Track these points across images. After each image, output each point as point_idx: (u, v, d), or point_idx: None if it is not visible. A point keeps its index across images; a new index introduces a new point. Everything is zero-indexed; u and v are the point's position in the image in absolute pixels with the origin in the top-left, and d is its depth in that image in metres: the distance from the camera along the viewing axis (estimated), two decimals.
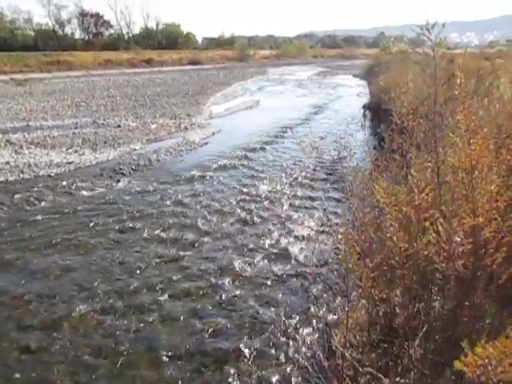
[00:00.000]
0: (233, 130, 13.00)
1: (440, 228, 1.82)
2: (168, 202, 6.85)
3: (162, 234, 5.68)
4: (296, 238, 5.52)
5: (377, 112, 10.94)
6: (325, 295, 4.12)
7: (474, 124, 1.85)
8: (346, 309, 2.53)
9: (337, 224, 5.46)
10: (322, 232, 5.56)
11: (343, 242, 2.39)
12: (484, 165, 1.87)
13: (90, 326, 3.80)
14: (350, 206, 2.86)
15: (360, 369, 2.45)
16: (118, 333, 3.69)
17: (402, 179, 2.71)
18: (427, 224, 2.02)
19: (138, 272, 4.71)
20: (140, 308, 4.05)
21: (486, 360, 0.97)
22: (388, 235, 2.29)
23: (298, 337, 3.57)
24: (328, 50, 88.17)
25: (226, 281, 4.51)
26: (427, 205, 2.00)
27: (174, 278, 4.58)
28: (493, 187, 1.85)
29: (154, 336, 3.66)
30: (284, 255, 5.07)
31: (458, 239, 1.78)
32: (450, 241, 1.74)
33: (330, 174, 8.10)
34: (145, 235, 5.64)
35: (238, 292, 4.31)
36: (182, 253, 5.15)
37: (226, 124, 14.06)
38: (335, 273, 4.39)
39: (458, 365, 1.04)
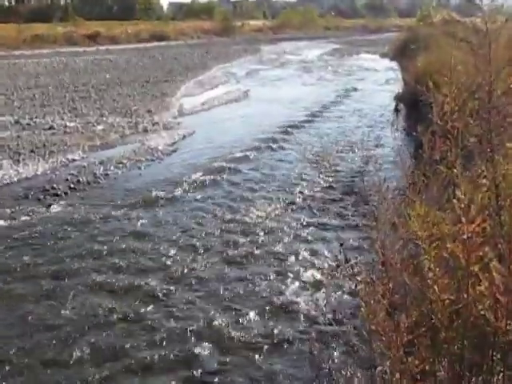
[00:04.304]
0: (212, 132, 13.07)
1: (495, 273, 1.82)
2: (120, 235, 6.83)
3: (113, 280, 5.65)
4: (302, 284, 5.51)
5: (414, 106, 11.06)
6: (343, 366, 4.10)
7: None
8: None
9: (357, 264, 5.47)
10: (338, 275, 5.57)
11: (365, 291, 2.40)
12: None
13: None
14: (376, 240, 2.87)
15: None
16: None
17: (448, 203, 2.73)
18: (479, 268, 2.03)
19: (78, 337, 4.66)
20: None
21: None
22: (428, 282, 2.30)
23: None
24: (345, 19, 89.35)
25: (205, 348, 4.48)
26: (480, 240, 2.02)
27: (129, 345, 4.54)
28: None
29: None
30: (286, 309, 5.05)
31: None
32: (509, 292, 1.75)
33: (348, 194, 8.14)
34: (88, 282, 5.60)
35: (222, 365, 4.28)
36: (141, 308, 5.11)
37: (203, 123, 14.13)
38: (357, 333, 4.38)
39: None
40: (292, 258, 6.09)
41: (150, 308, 5.11)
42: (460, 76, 3.11)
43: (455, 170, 2.60)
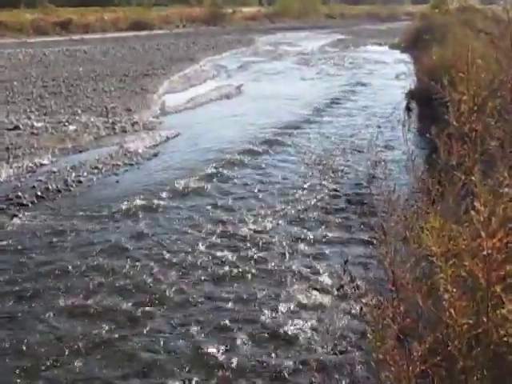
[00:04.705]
0: (199, 134, 13.07)
1: None
2: (95, 250, 6.81)
3: (86, 301, 5.64)
4: (301, 306, 5.51)
5: (428, 104, 11.09)
6: None
7: None
8: None
9: (363, 284, 5.47)
10: (342, 297, 5.56)
11: (372, 315, 2.40)
12: None
13: None
14: (384, 257, 2.87)
15: None
16: None
17: (466, 215, 2.74)
18: (501, 288, 2.03)
19: (46, 367, 4.64)
20: None
21: None
22: (444, 304, 2.30)
23: None
24: (351, 6, 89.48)
25: (191, 380, 4.46)
26: (502, 256, 2.02)
27: (104, 376, 4.52)
28: None
29: None
30: (282, 335, 5.05)
31: None
32: None
33: (353, 204, 8.16)
34: (57, 304, 5.58)
35: None
36: (118, 333, 5.10)
37: (188, 124, 14.13)
38: (363, 363, 4.38)
39: None
40: (289, 277, 6.09)
41: (128, 333, 5.10)
42: (479, 71, 3.13)
43: (474, 178, 2.60)
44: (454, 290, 2.19)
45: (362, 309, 5.11)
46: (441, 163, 3.33)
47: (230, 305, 5.59)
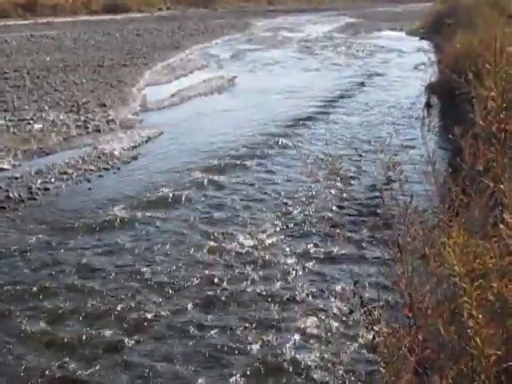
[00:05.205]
0: (185, 133, 13.07)
1: None
2: (63, 269, 6.79)
3: (55, 328, 5.63)
4: (304, 335, 5.51)
5: (451, 100, 11.11)
6: None
7: None
8: None
9: (376, 309, 5.47)
10: (351, 324, 5.56)
11: (386, 345, 2.40)
12: None
13: None
14: (400, 277, 2.88)
15: None
16: None
17: (494, 229, 2.74)
18: None
19: None
20: None
21: None
22: (468, 332, 2.31)
23: None
24: None
25: None
26: None
27: None
28: None
29: None
30: (283, 369, 5.04)
31: None
32: None
33: (364, 215, 8.15)
34: (22, 330, 5.57)
35: None
36: (89, 366, 5.07)
37: (173, 121, 14.14)
38: None
39: None
40: (291, 301, 6.09)
41: (102, 367, 5.08)
42: (510, 62, 3.13)
43: (503, 186, 2.61)
44: (480, 316, 2.19)
45: (374, 338, 5.11)
46: (465, 168, 3.34)
47: (222, 333, 5.57)
